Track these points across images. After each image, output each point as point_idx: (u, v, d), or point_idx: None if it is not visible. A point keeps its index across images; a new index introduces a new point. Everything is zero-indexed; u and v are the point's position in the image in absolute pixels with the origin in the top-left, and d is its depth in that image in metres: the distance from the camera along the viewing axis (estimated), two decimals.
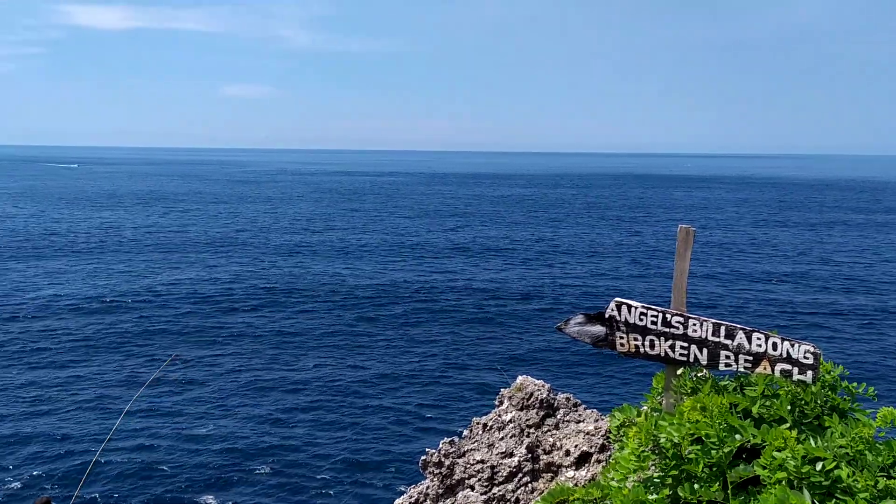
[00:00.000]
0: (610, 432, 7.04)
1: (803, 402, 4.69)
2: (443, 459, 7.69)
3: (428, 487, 7.73)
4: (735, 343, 5.16)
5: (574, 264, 66.24)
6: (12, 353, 36.93)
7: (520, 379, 8.35)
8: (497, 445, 7.57)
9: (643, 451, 4.50)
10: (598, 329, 5.69)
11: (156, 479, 23.73)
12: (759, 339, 5.08)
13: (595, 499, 4.90)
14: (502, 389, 8.48)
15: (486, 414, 8.32)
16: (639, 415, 5.30)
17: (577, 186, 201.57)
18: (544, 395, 7.98)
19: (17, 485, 23.22)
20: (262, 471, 24.57)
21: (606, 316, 5.67)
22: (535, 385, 8.14)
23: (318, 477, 24.25)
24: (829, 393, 4.83)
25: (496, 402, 8.38)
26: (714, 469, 4.28)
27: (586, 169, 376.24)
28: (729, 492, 4.20)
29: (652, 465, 4.63)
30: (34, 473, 23.98)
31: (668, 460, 4.42)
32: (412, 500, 7.74)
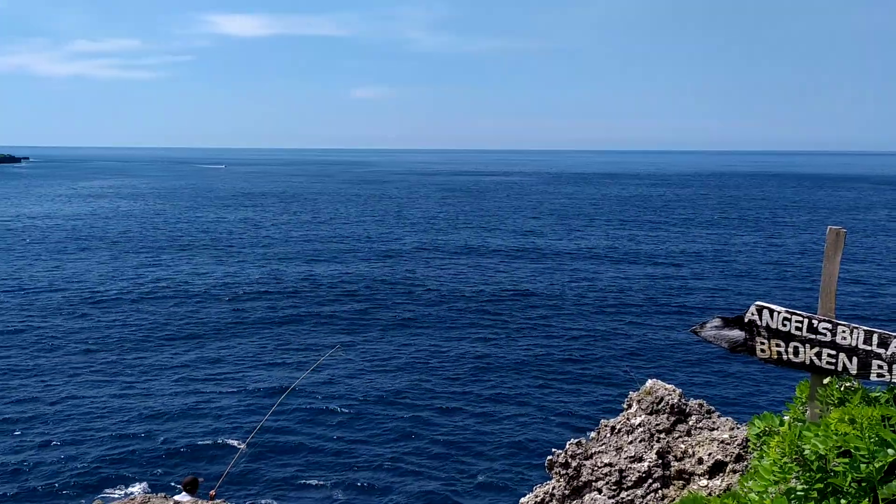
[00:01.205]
0: (747, 441, 6.76)
1: None
2: (569, 460, 7.63)
3: (554, 488, 7.70)
4: (889, 352, 4.85)
5: (706, 266, 63.83)
6: (177, 333, 39.81)
7: (649, 382, 8.17)
8: (626, 449, 7.44)
9: (785, 463, 4.31)
10: (737, 333, 5.47)
11: (303, 463, 24.78)
12: None
13: None
14: (631, 392, 8.33)
15: (613, 416, 8.20)
16: (781, 424, 5.06)
17: (708, 186, 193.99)
18: (675, 401, 7.77)
19: (173, 461, 24.99)
20: (390, 463, 25.20)
21: (746, 320, 5.45)
22: (666, 389, 7.94)
23: (444, 469, 24.61)
24: None
25: (624, 405, 8.24)
26: (863, 484, 4.04)
27: (716, 167, 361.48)
28: None
29: (794, 477, 4.43)
30: (185, 449, 25.71)
31: (812, 473, 4.21)
32: (538, 499, 7.73)
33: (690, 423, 7.63)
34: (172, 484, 22.34)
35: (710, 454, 7.19)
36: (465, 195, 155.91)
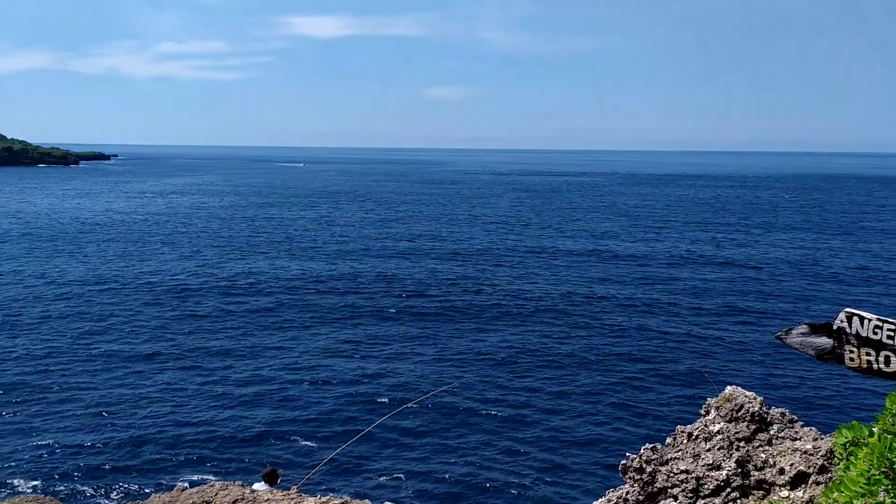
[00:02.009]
0: (832, 452, 6.56)
1: None
2: (644, 466, 7.53)
3: (628, 493, 7.61)
4: None
5: (789, 270, 61.72)
6: (262, 327, 41.04)
7: (729, 389, 7.99)
8: (703, 456, 7.29)
9: (873, 475, 4.17)
10: (824, 341, 5.31)
11: (388, 468, 24.60)
12: None
13: None
14: (709, 399, 8.15)
15: (690, 423, 8.05)
16: (870, 434, 4.89)
17: (789, 189, 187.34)
18: (756, 408, 7.57)
19: (255, 450, 25.75)
20: (460, 459, 25.31)
21: (834, 327, 5.28)
22: (746, 396, 7.75)
23: (518, 472, 24.56)
24: None
25: (702, 412, 8.07)
26: None
27: (796, 169, 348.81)
28: None
29: (882, 490, 4.28)
30: (268, 442, 26.45)
31: None
32: (611, 503, 7.66)
33: (772, 432, 7.43)
34: (251, 473, 22.99)
35: (791, 464, 6.99)
36: (537, 195, 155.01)
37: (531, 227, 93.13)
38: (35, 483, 22.87)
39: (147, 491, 21.90)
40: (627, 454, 7.84)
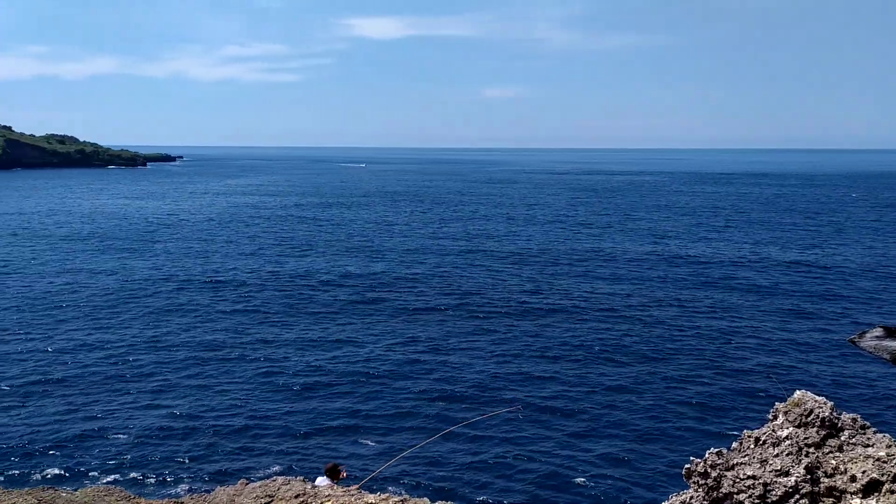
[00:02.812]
0: None
1: None
2: (709, 470, 7.41)
3: (692, 498, 7.50)
4: None
5: (860, 271, 59.64)
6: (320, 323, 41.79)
7: (798, 394, 7.80)
8: (771, 462, 7.13)
9: None
10: None
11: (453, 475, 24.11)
12: None
13: None
14: (777, 403, 7.97)
15: (757, 427, 7.88)
16: None
17: (857, 187, 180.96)
18: (826, 414, 7.37)
19: (319, 448, 26.18)
20: (520, 461, 25.25)
21: None
22: (816, 402, 7.55)
23: (577, 469, 24.37)
24: None
25: (769, 416, 7.90)
26: None
27: (863, 166, 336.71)
28: None
29: None
30: (334, 441, 26.87)
31: None
32: None
33: (843, 438, 7.22)
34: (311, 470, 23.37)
35: (864, 472, 6.79)
36: (595, 195, 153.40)
37: (588, 227, 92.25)
38: (105, 474, 23.70)
39: (211, 485, 22.52)
40: (692, 458, 7.74)
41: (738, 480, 7.24)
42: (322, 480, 13.04)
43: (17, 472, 24.16)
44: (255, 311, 46.23)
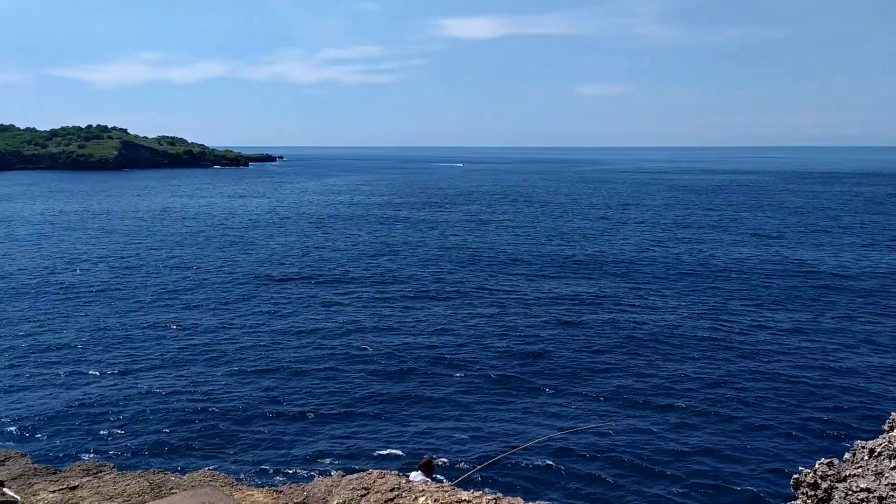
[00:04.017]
0: None
1: None
2: (819, 481, 7.11)
3: None
4: None
5: None
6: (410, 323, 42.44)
7: None
8: (887, 475, 6.77)
9: None
10: None
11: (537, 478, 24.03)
12: None
13: None
14: (893, 414, 7.57)
15: (872, 438, 7.50)
16: None
17: None
18: None
19: (419, 444, 26.56)
20: (620, 468, 24.84)
21: None
22: None
23: (680, 472, 23.78)
24: None
25: (885, 427, 7.50)
26: None
27: None
28: None
29: None
30: (437, 439, 27.21)
31: None
32: None
33: None
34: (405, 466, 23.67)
35: None
36: (694, 194, 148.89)
37: (686, 228, 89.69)
38: (207, 462, 24.71)
39: (309, 474, 23.18)
40: (801, 468, 7.45)
41: (850, 493, 6.91)
42: (416, 475, 13.20)
43: (130, 454, 25.58)
44: (350, 306, 47.18)
